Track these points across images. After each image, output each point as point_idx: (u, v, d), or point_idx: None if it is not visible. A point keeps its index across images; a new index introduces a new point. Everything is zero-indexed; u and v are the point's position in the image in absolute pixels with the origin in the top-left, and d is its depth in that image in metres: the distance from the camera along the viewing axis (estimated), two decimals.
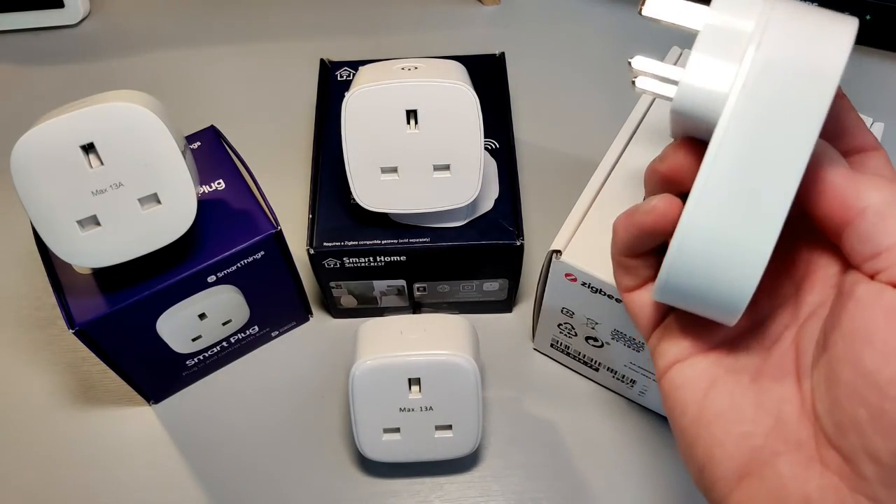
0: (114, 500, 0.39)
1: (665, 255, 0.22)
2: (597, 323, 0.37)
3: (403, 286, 0.41)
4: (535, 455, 0.40)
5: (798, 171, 0.20)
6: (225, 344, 0.41)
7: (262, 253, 0.37)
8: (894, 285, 0.20)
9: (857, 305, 0.20)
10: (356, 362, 0.35)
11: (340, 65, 0.45)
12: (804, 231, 0.24)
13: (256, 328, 0.42)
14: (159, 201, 0.32)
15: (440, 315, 0.38)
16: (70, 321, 0.34)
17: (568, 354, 0.41)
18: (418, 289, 0.42)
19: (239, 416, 0.41)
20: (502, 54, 0.46)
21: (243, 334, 0.41)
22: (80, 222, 0.31)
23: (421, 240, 0.38)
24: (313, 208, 0.39)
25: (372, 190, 0.36)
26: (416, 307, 0.44)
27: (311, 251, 0.38)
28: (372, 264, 0.39)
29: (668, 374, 0.25)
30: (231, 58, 0.57)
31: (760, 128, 0.20)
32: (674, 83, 0.23)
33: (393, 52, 0.55)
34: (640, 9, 0.24)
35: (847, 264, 0.22)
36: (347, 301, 0.43)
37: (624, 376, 0.39)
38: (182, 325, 0.37)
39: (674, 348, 0.25)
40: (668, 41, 0.43)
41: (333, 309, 0.44)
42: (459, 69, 0.37)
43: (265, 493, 0.39)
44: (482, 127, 0.35)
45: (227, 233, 0.36)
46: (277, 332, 0.44)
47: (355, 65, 0.45)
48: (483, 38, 0.57)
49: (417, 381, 0.35)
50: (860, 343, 0.20)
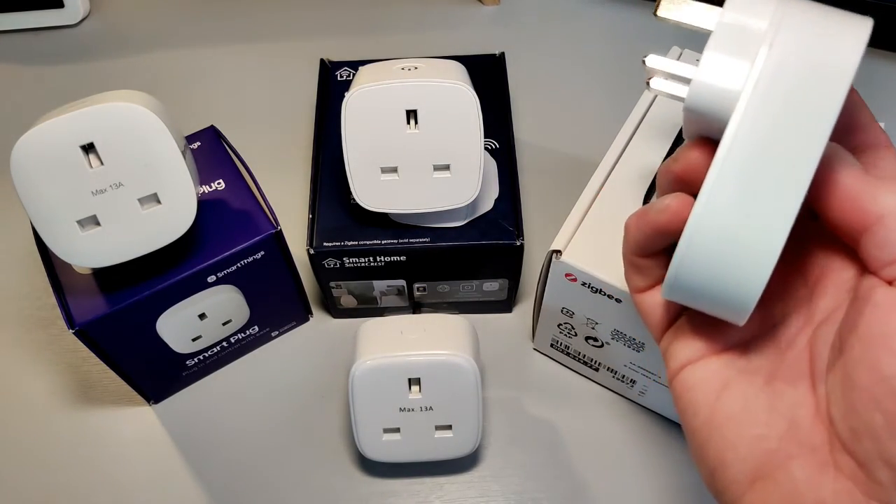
0: (113, 500, 0.39)
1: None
2: (597, 323, 0.37)
3: (403, 286, 0.41)
4: (535, 455, 0.40)
5: (809, 170, 0.20)
6: (225, 344, 0.41)
7: (262, 253, 0.37)
8: None
9: (875, 310, 0.20)
10: (356, 362, 0.35)
11: (340, 65, 0.45)
12: (818, 233, 0.24)
13: (256, 328, 0.42)
14: (159, 201, 0.32)
15: (440, 315, 0.38)
16: (70, 321, 0.34)
17: (568, 354, 0.41)
18: (418, 289, 0.42)
19: (239, 417, 0.41)
20: (502, 54, 0.46)
21: (243, 334, 0.41)
22: (80, 222, 0.31)
23: (421, 240, 0.38)
24: (313, 208, 0.39)
25: (372, 190, 0.36)
26: (416, 307, 0.44)
27: (311, 251, 0.38)
28: (372, 264, 0.39)
29: (680, 376, 0.24)
30: (231, 58, 0.57)
31: (772, 126, 0.20)
32: (687, 82, 0.23)
33: (393, 52, 0.55)
34: (656, 10, 0.24)
35: (863, 268, 0.22)
36: (347, 301, 0.43)
37: (624, 376, 0.39)
38: (182, 325, 0.37)
39: (686, 350, 0.25)
40: (668, 41, 0.43)
41: (333, 309, 0.44)
42: (459, 69, 0.37)
43: (265, 492, 0.39)
44: (482, 127, 0.35)
45: (227, 233, 0.36)
46: (277, 332, 0.44)
47: (355, 65, 0.45)
48: (483, 38, 0.57)
49: (417, 381, 0.35)
50: (878, 348, 0.20)
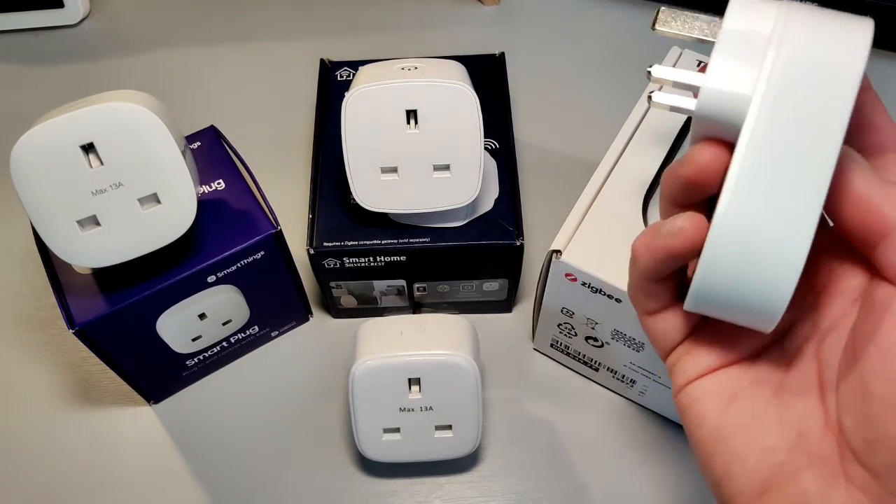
0: (113, 500, 0.39)
1: (697, 264, 0.22)
2: (597, 323, 0.37)
3: (403, 286, 0.41)
4: (535, 455, 0.40)
5: (829, 168, 0.20)
6: (225, 344, 0.41)
7: (262, 253, 0.37)
8: None
9: (894, 320, 0.20)
10: (356, 362, 0.35)
11: (340, 65, 0.45)
12: (823, 240, 0.23)
13: (256, 328, 0.42)
14: (159, 201, 0.32)
15: (440, 315, 0.38)
16: (70, 321, 0.34)
17: (568, 354, 0.41)
18: (418, 289, 0.42)
19: (239, 416, 0.41)
20: (502, 54, 0.46)
21: (243, 334, 0.41)
22: (79, 222, 0.31)
23: (421, 240, 0.38)
24: (313, 208, 0.39)
25: (372, 190, 0.36)
26: (416, 307, 0.44)
27: (311, 251, 0.38)
28: (372, 264, 0.39)
29: (687, 389, 0.24)
30: (231, 58, 0.57)
31: (788, 126, 0.20)
32: (695, 90, 0.22)
33: (393, 52, 0.55)
34: (654, 24, 0.24)
35: (873, 275, 0.21)
36: (347, 301, 0.43)
37: (624, 376, 0.39)
38: (182, 325, 0.37)
39: (695, 365, 0.24)
40: (667, 42, 0.43)
41: (333, 309, 0.44)
42: (459, 69, 0.37)
43: (265, 492, 0.39)
44: (482, 127, 0.35)
45: (227, 233, 0.36)
46: (277, 332, 0.44)
47: (355, 65, 0.45)
48: (483, 38, 0.57)
49: (417, 381, 0.35)
50: None
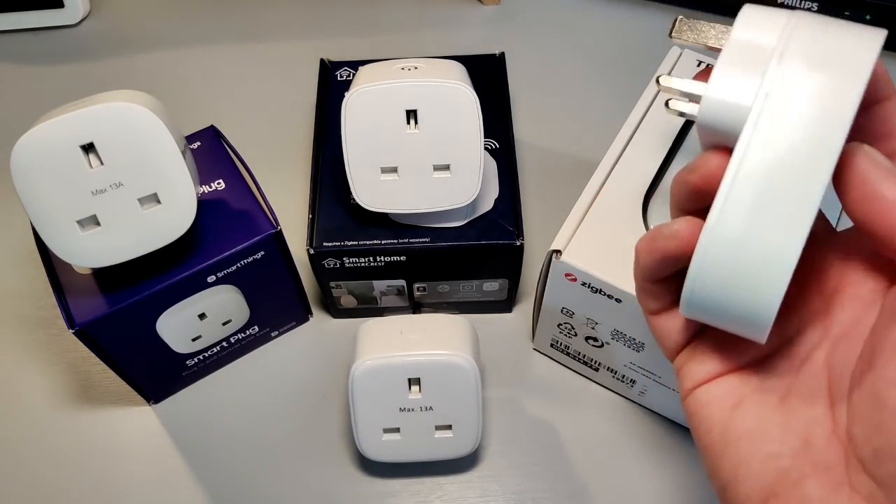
0: (113, 500, 0.39)
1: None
2: (597, 323, 0.37)
3: (403, 286, 0.41)
4: (535, 455, 0.40)
5: (824, 178, 0.20)
6: (225, 344, 0.41)
7: (262, 253, 0.37)
8: None
9: None
10: (356, 362, 0.35)
11: (340, 65, 0.45)
12: (835, 244, 0.23)
13: (256, 328, 0.42)
14: (159, 201, 0.32)
15: (440, 315, 0.38)
16: (70, 321, 0.34)
17: (568, 354, 0.41)
18: (418, 289, 0.42)
19: (239, 416, 0.41)
20: (502, 54, 0.46)
21: (243, 334, 0.41)
22: (79, 222, 0.31)
23: (421, 240, 0.38)
24: (313, 208, 0.39)
25: (372, 190, 0.36)
26: (416, 307, 0.44)
27: (311, 251, 0.38)
28: (372, 264, 0.39)
29: (694, 393, 0.24)
30: (231, 58, 0.57)
31: (784, 135, 0.20)
32: (698, 100, 0.22)
33: (393, 52, 0.55)
34: (670, 32, 0.24)
35: (892, 282, 0.21)
36: (347, 301, 0.43)
37: (624, 376, 0.39)
38: (182, 325, 0.37)
39: (701, 369, 0.24)
40: (667, 42, 0.43)
41: (333, 309, 0.44)
42: (459, 69, 0.37)
43: (265, 492, 0.39)
44: (482, 127, 0.35)
45: (227, 233, 0.36)
46: (277, 332, 0.44)
47: (355, 65, 0.45)
48: (483, 38, 0.57)
49: (417, 381, 0.35)
50: None
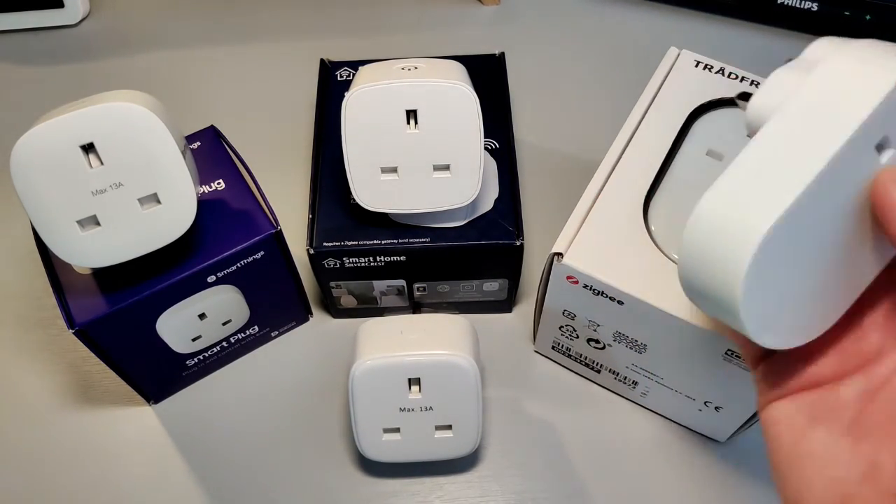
0: (113, 500, 0.39)
1: None
2: (599, 325, 0.37)
3: (403, 286, 0.41)
4: (535, 455, 0.40)
5: (815, 169, 0.20)
6: (225, 344, 0.41)
7: (262, 253, 0.37)
8: None
9: None
10: (356, 362, 0.35)
11: (340, 65, 0.45)
12: None
13: (256, 328, 0.42)
14: (159, 201, 0.32)
15: (440, 315, 0.38)
16: (70, 321, 0.33)
17: (569, 356, 0.41)
18: (418, 289, 0.42)
19: (239, 416, 0.41)
20: (502, 54, 0.46)
21: (243, 334, 0.41)
22: (79, 222, 0.31)
23: (421, 240, 0.38)
24: (313, 208, 0.39)
25: (372, 190, 0.36)
26: (416, 307, 0.44)
27: (311, 251, 0.38)
28: (372, 264, 0.39)
29: (768, 409, 0.25)
30: (231, 58, 0.57)
31: (792, 132, 0.21)
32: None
33: (393, 52, 0.55)
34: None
35: None
36: (347, 301, 0.43)
37: (626, 378, 0.39)
38: (182, 325, 0.37)
39: (775, 385, 0.25)
40: (667, 42, 0.43)
41: (333, 309, 0.44)
42: (459, 69, 0.37)
43: (265, 492, 0.39)
44: (482, 127, 0.35)
45: (227, 233, 0.36)
46: (277, 332, 0.44)
47: (355, 65, 0.45)
48: (483, 38, 0.57)
49: (417, 381, 0.35)
50: None
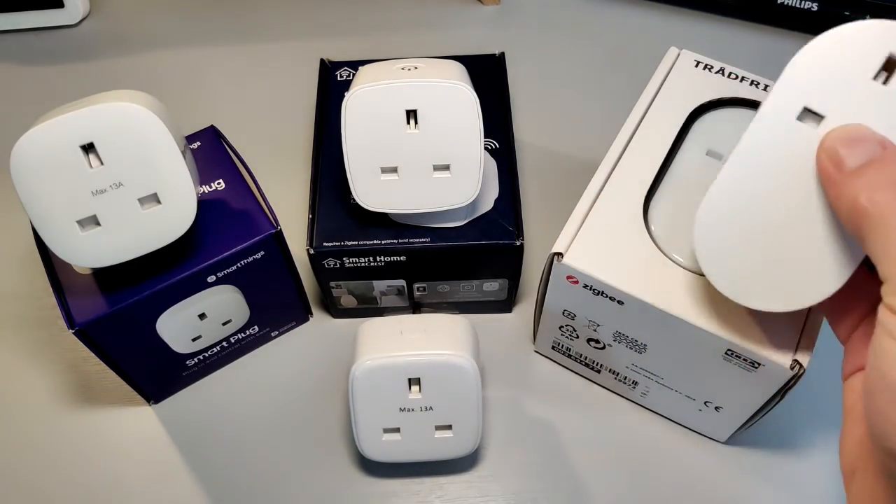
0: (113, 500, 0.39)
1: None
2: (599, 325, 0.37)
3: (403, 286, 0.41)
4: (535, 455, 0.40)
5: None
6: (225, 344, 0.41)
7: (262, 253, 0.37)
8: None
9: None
10: (356, 362, 0.35)
11: (340, 65, 0.45)
12: None
13: (256, 328, 0.42)
14: (159, 201, 0.32)
15: (440, 315, 0.38)
16: (70, 321, 0.33)
17: (569, 356, 0.41)
18: (418, 289, 0.42)
19: (238, 417, 0.41)
20: (502, 54, 0.46)
21: (243, 334, 0.41)
22: (79, 222, 0.31)
23: (421, 240, 0.38)
24: (313, 208, 0.39)
25: (372, 190, 0.36)
26: (416, 307, 0.44)
27: (311, 251, 0.38)
28: (372, 264, 0.39)
29: (849, 380, 0.26)
30: (231, 58, 0.57)
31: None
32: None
33: (393, 52, 0.55)
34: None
35: None
36: (347, 301, 0.43)
37: (626, 378, 0.39)
38: (182, 325, 0.37)
39: (854, 358, 0.26)
40: (666, 42, 0.43)
41: (333, 309, 0.44)
42: (459, 69, 0.37)
43: (265, 492, 0.39)
44: (482, 127, 0.35)
45: (227, 233, 0.36)
46: (277, 332, 0.44)
47: (355, 65, 0.45)
48: (483, 38, 0.57)
49: (417, 381, 0.35)
50: None
